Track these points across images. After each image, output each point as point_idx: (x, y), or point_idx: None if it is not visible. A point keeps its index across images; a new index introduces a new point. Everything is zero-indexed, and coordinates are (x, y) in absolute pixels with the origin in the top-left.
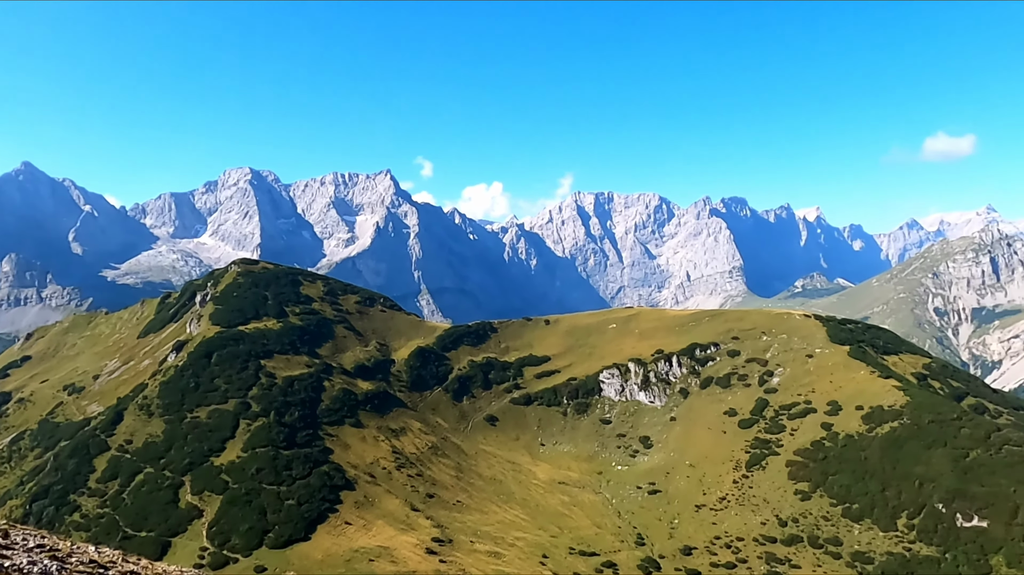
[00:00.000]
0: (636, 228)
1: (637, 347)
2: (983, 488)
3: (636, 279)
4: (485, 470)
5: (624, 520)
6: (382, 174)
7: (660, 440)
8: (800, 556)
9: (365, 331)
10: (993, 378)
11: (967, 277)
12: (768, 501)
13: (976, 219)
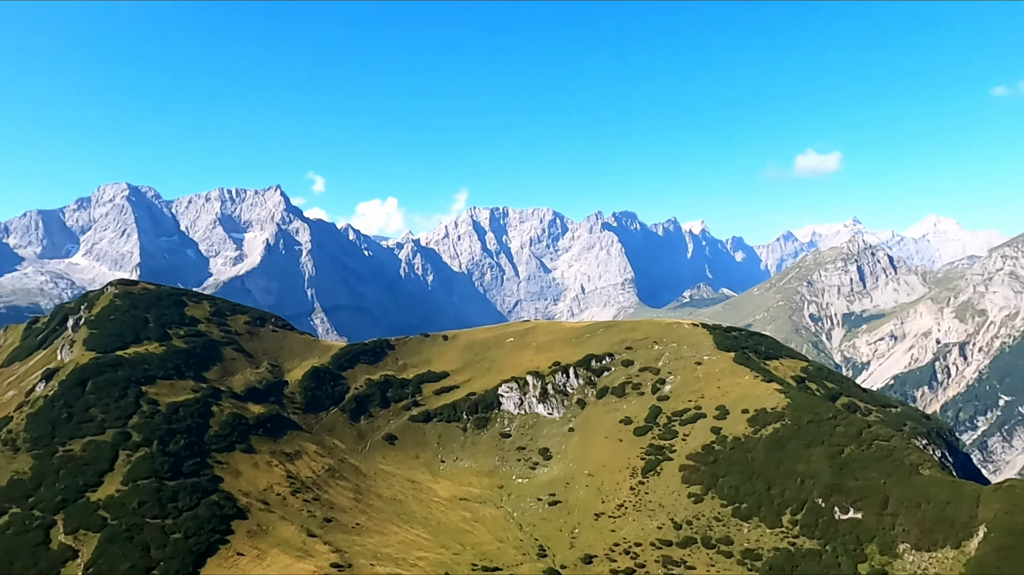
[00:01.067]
0: (531, 242)
1: (535, 360)
2: (857, 482)
3: (532, 293)
4: (385, 490)
5: (526, 533)
6: (271, 189)
7: (559, 451)
8: (695, 557)
9: (256, 352)
10: (863, 378)
11: (837, 285)
12: (663, 505)
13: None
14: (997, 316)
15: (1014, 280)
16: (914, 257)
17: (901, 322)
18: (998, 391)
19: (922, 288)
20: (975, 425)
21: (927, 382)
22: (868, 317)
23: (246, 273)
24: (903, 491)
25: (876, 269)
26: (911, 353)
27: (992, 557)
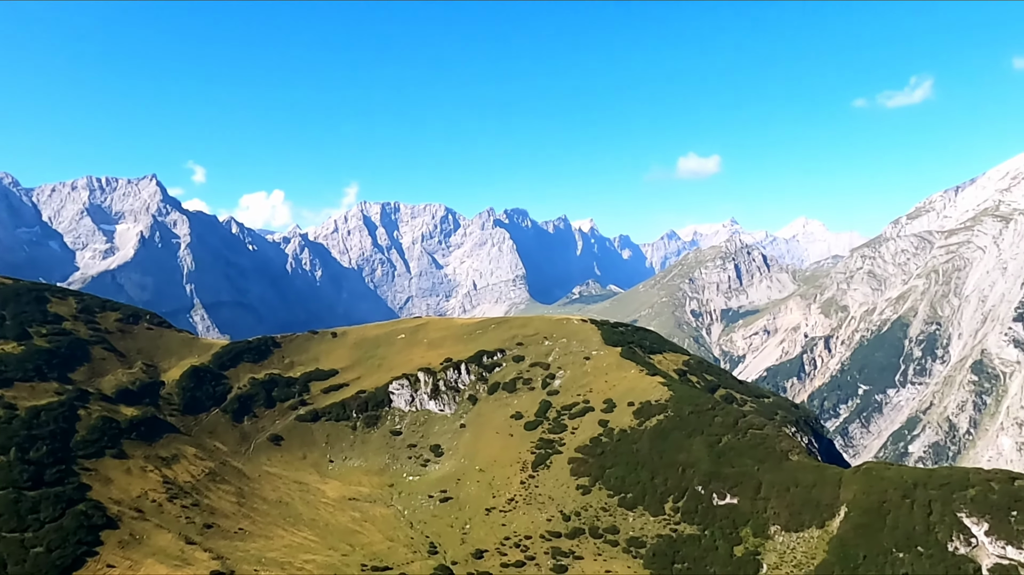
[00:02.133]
0: (423, 238)
1: (426, 356)
2: (733, 469)
3: (424, 289)
4: (270, 493)
5: (417, 530)
6: (146, 179)
7: (451, 448)
8: (583, 547)
9: (129, 351)
10: (739, 370)
11: (716, 282)
12: (553, 498)
13: (723, 230)
14: (857, 311)
15: (871, 278)
16: (785, 256)
17: (773, 317)
18: (857, 381)
19: (792, 285)
20: (838, 413)
21: (796, 373)
22: (744, 313)
23: (118, 267)
24: (774, 476)
25: (751, 267)
26: (782, 346)
27: (851, 534)
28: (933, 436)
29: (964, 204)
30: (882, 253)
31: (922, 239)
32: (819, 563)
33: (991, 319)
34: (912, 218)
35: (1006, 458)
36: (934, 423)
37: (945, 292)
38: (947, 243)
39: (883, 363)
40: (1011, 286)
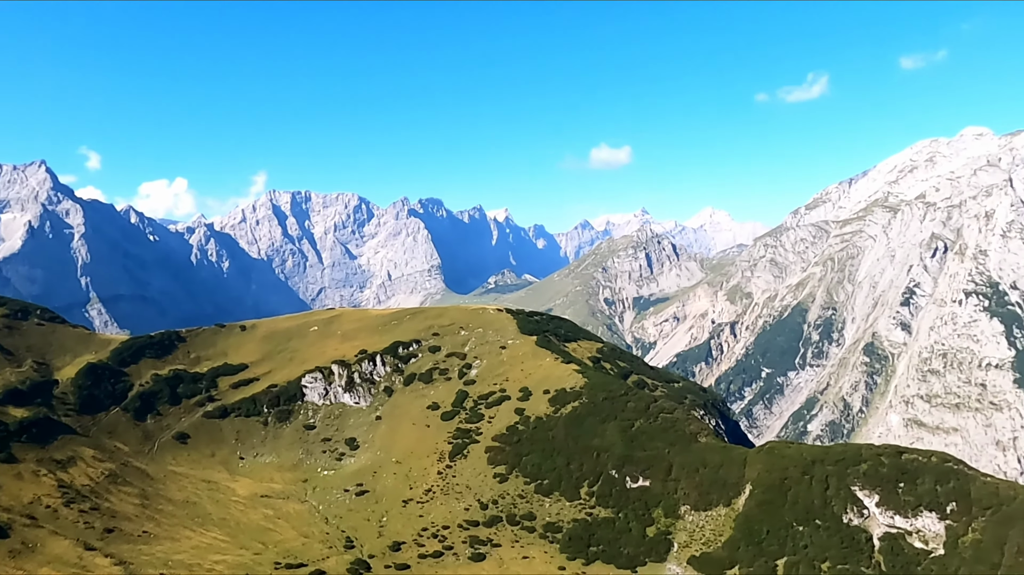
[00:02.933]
0: (336, 228)
1: (340, 348)
2: (645, 452)
3: (337, 280)
4: (176, 493)
5: (332, 525)
6: (35, 165)
7: (367, 440)
8: (501, 535)
9: (17, 349)
10: (650, 356)
11: (628, 271)
12: (471, 487)
13: (634, 220)
14: (760, 298)
15: (773, 266)
16: (693, 245)
17: (683, 305)
18: (761, 364)
19: (700, 274)
20: (743, 395)
21: (704, 358)
22: (655, 300)
23: (3, 260)
24: (684, 458)
25: (662, 256)
26: (691, 333)
27: (756, 511)
28: (830, 415)
29: (857, 195)
30: (783, 242)
31: (819, 228)
32: (726, 540)
33: (881, 304)
34: (810, 208)
35: (894, 434)
36: (830, 403)
37: (840, 279)
38: (842, 232)
39: (784, 347)
40: (898, 273)
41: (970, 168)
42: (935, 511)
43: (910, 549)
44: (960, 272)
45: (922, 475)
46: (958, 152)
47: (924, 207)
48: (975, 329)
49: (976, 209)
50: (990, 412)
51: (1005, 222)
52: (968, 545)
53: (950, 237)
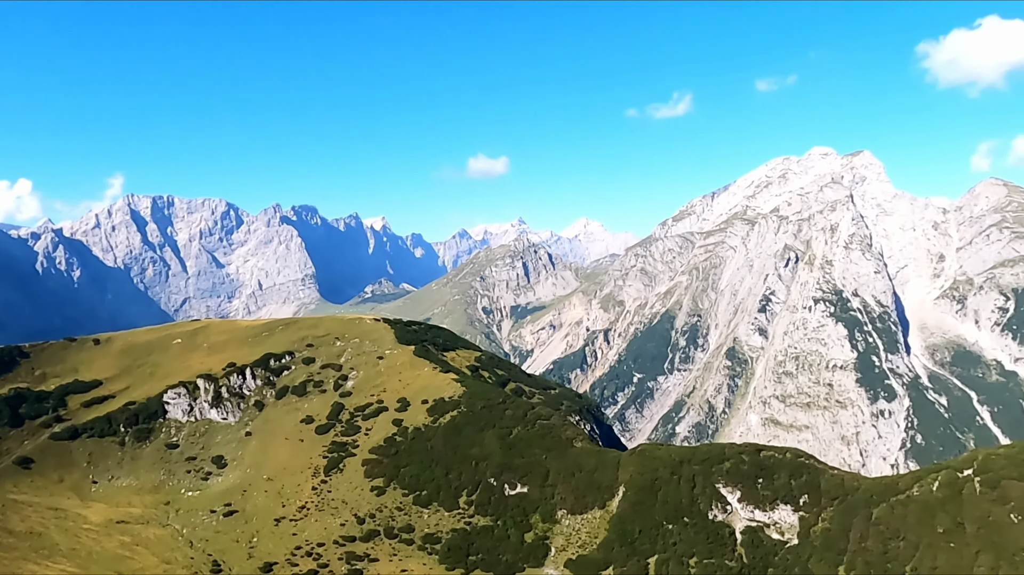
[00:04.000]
0: (202, 235)
1: (207, 362)
2: (523, 459)
3: (203, 289)
4: (18, 524)
5: (197, 549)
6: None
7: (235, 458)
8: (378, 549)
9: None
10: (528, 364)
11: (506, 280)
12: (347, 502)
13: (511, 230)
14: (632, 306)
15: (644, 275)
16: (568, 255)
17: (559, 313)
18: (633, 370)
19: (575, 282)
20: (616, 400)
21: (579, 365)
22: (532, 309)
23: None
24: (560, 463)
25: (538, 265)
26: (567, 340)
27: (629, 512)
28: (696, 417)
29: (719, 208)
30: (652, 252)
31: (685, 239)
32: (601, 542)
33: (741, 310)
34: (677, 220)
35: (754, 433)
36: (697, 405)
37: (705, 287)
38: (705, 243)
39: (654, 352)
40: (756, 281)
41: (817, 185)
42: (790, 504)
43: (768, 540)
44: (809, 281)
45: (778, 471)
46: (807, 170)
47: (778, 220)
48: (823, 333)
49: (822, 223)
50: (836, 410)
51: (847, 235)
52: (818, 534)
53: (801, 248)
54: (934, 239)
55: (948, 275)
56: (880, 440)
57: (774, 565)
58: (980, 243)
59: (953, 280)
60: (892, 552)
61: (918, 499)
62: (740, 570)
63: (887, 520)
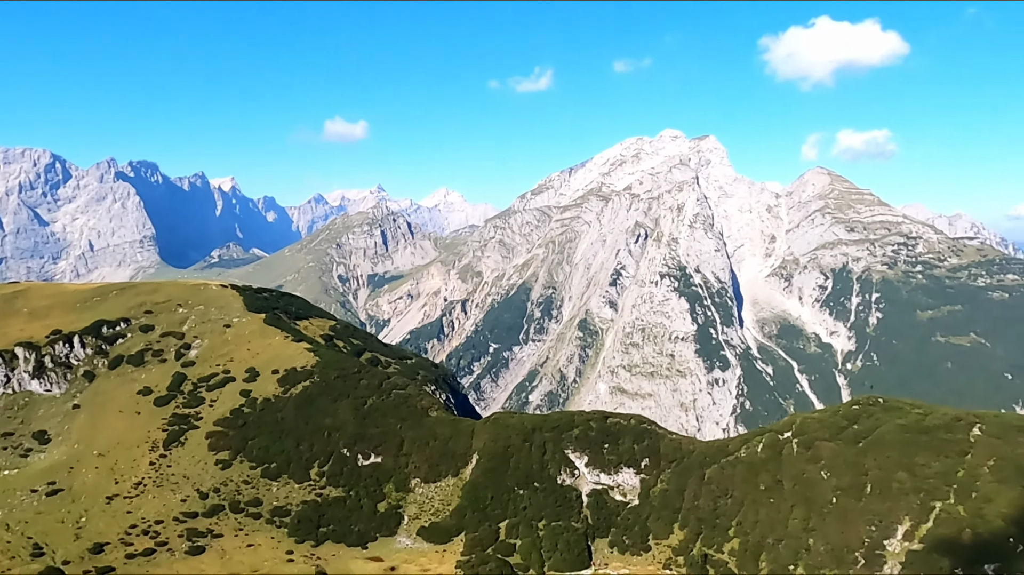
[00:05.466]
0: (22, 188)
1: (27, 329)
2: (378, 429)
3: (24, 249)
4: None
5: (15, 532)
6: None
7: (61, 433)
8: (222, 524)
9: None
10: (384, 334)
11: (364, 247)
12: (188, 477)
13: (370, 196)
14: (490, 277)
15: (502, 247)
16: (428, 224)
17: (416, 282)
18: (489, 340)
19: (434, 252)
20: (472, 370)
21: (436, 335)
22: (390, 278)
23: None
24: (415, 433)
25: (397, 234)
26: (424, 310)
27: (481, 479)
28: (548, 386)
29: (576, 184)
30: (511, 224)
31: (543, 213)
32: (454, 508)
33: (594, 283)
34: (536, 194)
35: (602, 400)
36: (549, 374)
37: (560, 260)
38: (562, 217)
39: (510, 323)
40: (608, 256)
41: (667, 166)
42: (632, 467)
43: (612, 502)
44: (657, 257)
45: (623, 436)
46: (658, 151)
47: (630, 198)
48: (667, 307)
49: (670, 202)
50: (677, 378)
51: (692, 214)
52: (657, 494)
53: (650, 226)
54: (767, 221)
55: (778, 255)
56: (714, 406)
57: (616, 525)
58: (806, 226)
59: (782, 260)
60: (721, 509)
61: (745, 460)
62: (585, 530)
63: (718, 480)
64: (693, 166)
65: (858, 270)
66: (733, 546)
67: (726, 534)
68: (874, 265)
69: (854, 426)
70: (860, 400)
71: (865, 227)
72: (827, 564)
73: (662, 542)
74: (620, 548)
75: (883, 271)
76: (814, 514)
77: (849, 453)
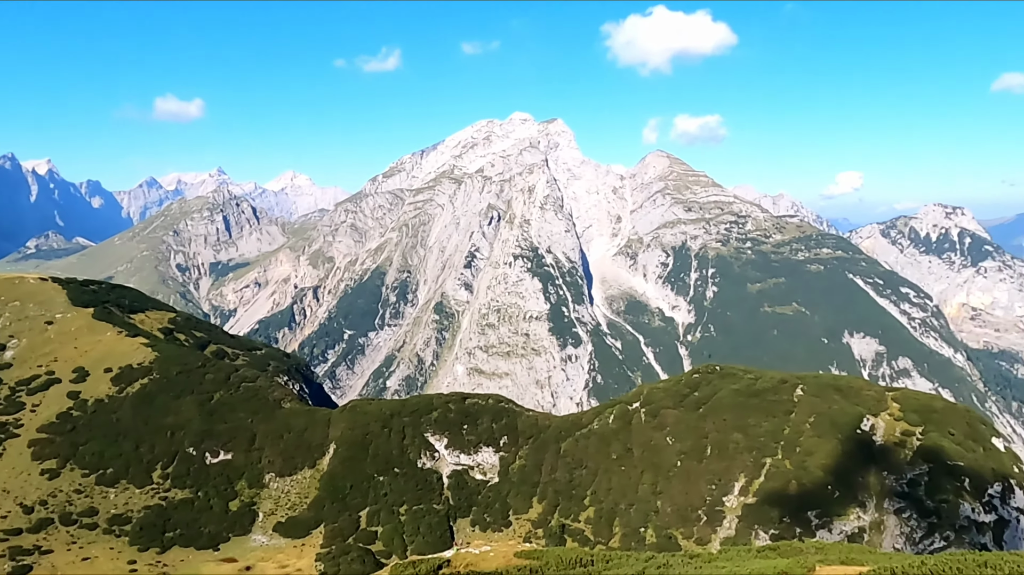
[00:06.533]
0: None
1: None
2: (226, 425)
3: None
4: None
5: None
6: None
7: None
8: (52, 539)
9: None
10: (230, 325)
11: (204, 234)
12: (9, 491)
13: (210, 180)
14: (342, 262)
15: (354, 231)
16: (275, 209)
17: (264, 270)
18: (343, 327)
19: (282, 238)
20: (327, 358)
21: (287, 323)
22: (234, 266)
23: None
24: (268, 426)
25: (241, 219)
26: (273, 298)
27: (340, 468)
28: (406, 370)
29: (428, 166)
30: (363, 208)
31: (395, 196)
32: (312, 500)
33: (449, 266)
34: (387, 176)
35: (460, 382)
36: (407, 359)
37: (414, 243)
38: (415, 200)
39: (365, 309)
40: (463, 238)
41: (517, 148)
42: (491, 446)
43: (472, 481)
44: (510, 238)
45: (481, 416)
46: (508, 134)
47: (483, 180)
48: (521, 287)
49: (522, 184)
50: (532, 357)
51: (543, 196)
52: (516, 470)
53: (503, 208)
54: (613, 202)
55: (624, 234)
56: (568, 382)
57: (477, 503)
58: (649, 207)
59: (628, 239)
60: (576, 479)
61: (597, 432)
62: (447, 512)
63: (572, 452)
64: (543, 149)
65: (695, 247)
66: (589, 514)
67: (582, 503)
68: (709, 243)
69: (695, 393)
70: (700, 369)
71: (701, 207)
72: (673, 524)
73: (522, 516)
74: (482, 526)
75: (717, 248)
76: (661, 478)
77: (691, 419)
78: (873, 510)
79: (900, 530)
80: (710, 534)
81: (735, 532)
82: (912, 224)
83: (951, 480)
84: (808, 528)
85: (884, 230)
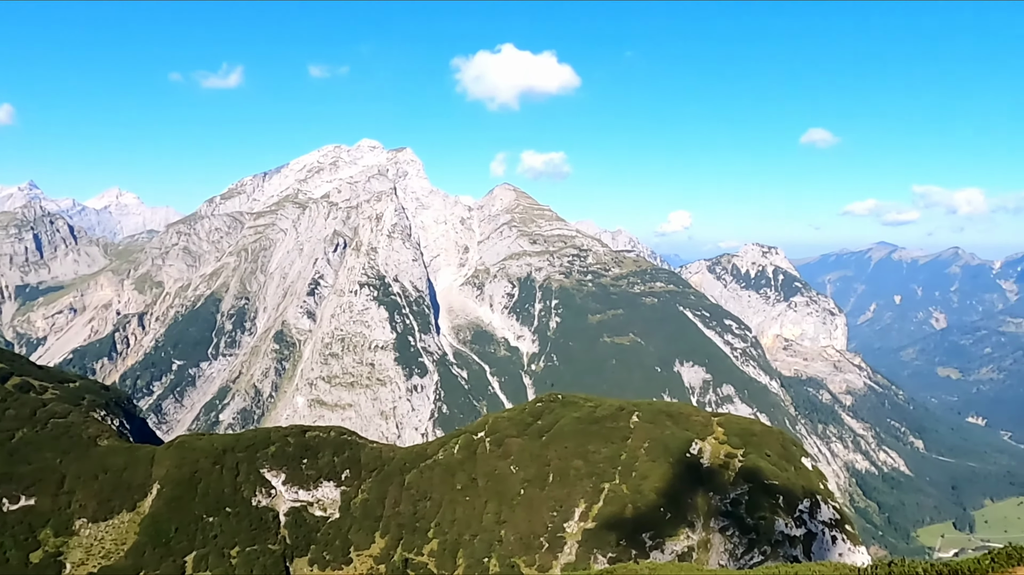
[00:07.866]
0: None
1: None
2: (30, 466)
3: None
4: None
5: None
6: None
7: None
8: None
9: None
10: (39, 355)
11: (10, 254)
12: None
13: (19, 194)
14: (173, 287)
15: (187, 255)
16: (96, 228)
17: (82, 294)
18: (172, 356)
19: (104, 260)
20: (152, 390)
21: (108, 353)
22: (46, 289)
23: None
24: (80, 466)
25: (56, 238)
26: (91, 325)
27: (164, 510)
28: (242, 403)
29: (271, 189)
30: (197, 230)
31: (234, 219)
32: (130, 547)
33: (291, 293)
34: (226, 198)
35: (300, 414)
36: (242, 390)
37: (254, 269)
38: (256, 224)
39: (197, 337)
40: (306, 264)
41: (365, 175)
42: (333, 480)
43: (311, 518)
44: (356, 266)
45: (323, 449)
46: (356, 160)
47: (328, 206)
48: (367, 316)
49: (369, 211)
50: (377, 387)
51: (391, 224)
52: (358, 505)
53: (349, 235)
54: (461, 232)
55: (471, 265)
56: (414, 412)
57: (316, 541)
58: (496, 238)
59: (475, 269)
60: (420, 511)
61: (442, 462)
62: (283, 552)
63: (417, 484)
64: (391, 177)
65: (540, 279)
66: (432, 547)
67: (426, 536)
68: (553, 275)
69: (538, 422)
70: (543, 398)
71: (546, 240)
72: (517, 552)
73: (363, 552)
74: (320, 564)
75: (560, 280)
76: (505, 506)
77: (534, 447)
78: (701, 529)
79: (724, 547)
80: (551, 561)
81: (575, 557)
82: (734, 261)
83: (768, 498)
84: (643, 550)
85: (710, 266)
